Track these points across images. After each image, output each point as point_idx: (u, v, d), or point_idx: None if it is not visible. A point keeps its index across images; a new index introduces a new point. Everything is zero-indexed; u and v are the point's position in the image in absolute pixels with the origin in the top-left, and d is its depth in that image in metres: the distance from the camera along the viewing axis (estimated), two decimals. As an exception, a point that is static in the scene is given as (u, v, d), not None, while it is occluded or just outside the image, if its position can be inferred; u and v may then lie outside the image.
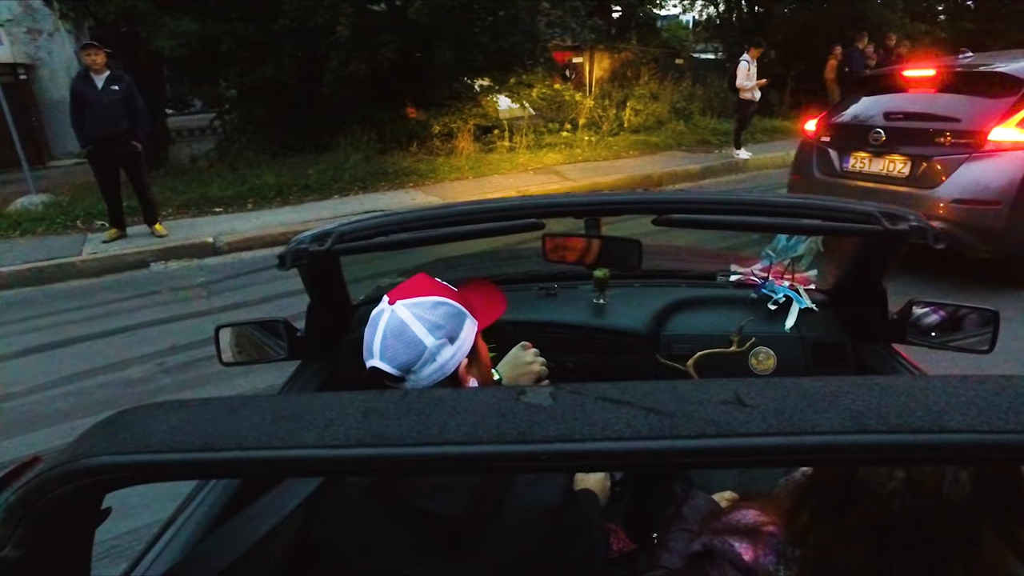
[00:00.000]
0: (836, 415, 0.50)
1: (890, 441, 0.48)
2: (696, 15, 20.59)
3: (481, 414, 0.54)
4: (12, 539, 0.57)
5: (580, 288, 1.98)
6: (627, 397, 0.54)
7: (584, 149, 10.49)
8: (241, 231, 6.94)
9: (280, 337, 1.71)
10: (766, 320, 1.79)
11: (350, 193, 8.45)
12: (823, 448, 0.49)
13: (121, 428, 0.59)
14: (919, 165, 4.83)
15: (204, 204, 7.89)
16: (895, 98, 5.32)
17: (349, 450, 0.53)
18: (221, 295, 5.57)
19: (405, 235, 1.39)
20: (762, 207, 1.42)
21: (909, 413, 0.50)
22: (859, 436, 0.49)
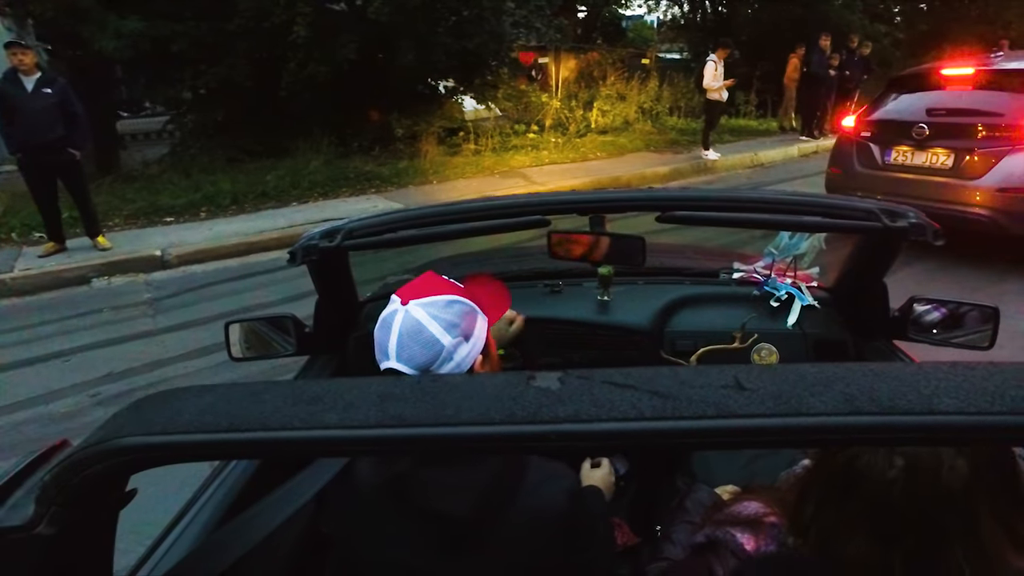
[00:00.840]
0: (831, 398, 0.52)
1: (882, 422, 0.50)
2: (661, 15, 20.51)
3: (493, 397, 0.55)
4: (47, 517, 0.59)
5: (585, 285, 1.98)
6: (632, 381, 0.55)
7: (551, 151, 10.17)
8: (192, 242, 6.47)
9: (288, 333, 1.70)
10: (768, 317, 1.79)
11: (309, 200, 8.01)
12: (818, 429, 0.51)
13: (149, 410, 0.61)
14: (962, 157, 5.07)
15: (154, 213, 7.39)
16: (936, 95, 5.50)
17: (368, 431, 0.55)
18: (168, 313, 5.13)
19: (413, 231, 1.39)
20: (764, 204, 1.41)
21: (900, 396, 0.51)
22: (852, 418, 0.50)
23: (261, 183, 8.26)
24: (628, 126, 11.75)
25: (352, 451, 0.74)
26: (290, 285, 5.57)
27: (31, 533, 0.59)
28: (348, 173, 8.74)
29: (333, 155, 9.35)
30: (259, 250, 6.55)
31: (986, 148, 5.01)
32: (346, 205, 7.75)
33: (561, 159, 9.89)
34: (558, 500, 1.06)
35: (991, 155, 4.96)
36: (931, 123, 5.28)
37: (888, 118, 5.72)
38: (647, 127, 11.65)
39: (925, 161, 5.33)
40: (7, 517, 0.61)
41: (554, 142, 10.46)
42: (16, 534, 0.59)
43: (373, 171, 8.87)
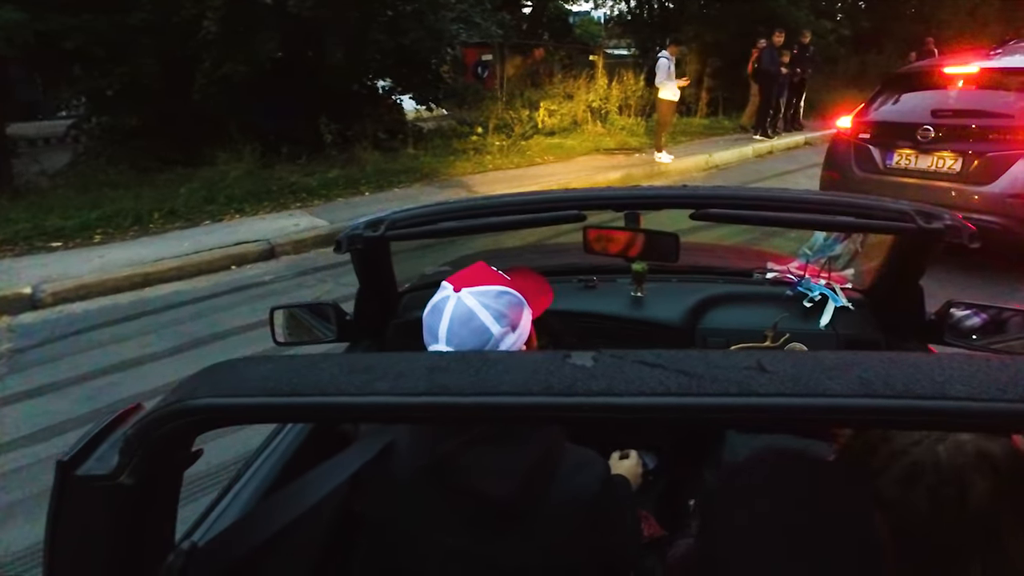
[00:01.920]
0: (847, 382, 0.53)
1: (894, 405, 0.52)
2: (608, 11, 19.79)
3: (531, 371, 0.58)
4: (128, 467, 0.64)
5: (618, 281, 1.98)
6: (661, 361, 0.57)
7: (495, 156, 9.32)
8: (75, 275, 5.42)
9: (329, 320, 1.69)
10: (801, 317, 1.77)
11: (224, 217, 6.99)
12: (833, 409, 0.53)
13: (218, 376, 0.66)
14: (971, 161, 4.70)
15: (38, 237, 6.26)
16: (940, 95, 5.13)
17: (417, 398, 0.57)
18: (24, 373, 4.10)
19: (453, 223, 1.40)
20: (798, 204, 1.38)
21: (914, 382, 0.52)
22: (866, 400, 0.52)
23: (172, 198, 7.19)
24: (577, 126, 10.98)
25: (401, 417, 0.72)
26: (183, 330, 4.61)
27: (115, 482, 0.64)
28: (271, 185, 7.73)
29: (257, 164, 8.32)
30: (156, 282, 5.54)
31: (996, 152, 4.61)
32: (263, 223, 6.76)
33: (506, 164, 9.06)
34: (591, 486, 1.06)
35: (1002, 159, 4.57)
36: (936, 125, 4.85)
37: (889, 119, 5.32)
38: (596, 128, 10.89)
39: (930, 165, 4.92)
40: (94, 467, 0.65)
41: (498, 145, 9.62)
42: (102, 482, 0.64)
43: (299, 182, 7.87)
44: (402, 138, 9.67)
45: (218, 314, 4.90)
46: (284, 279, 5.66)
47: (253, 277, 5.72)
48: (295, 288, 5.42)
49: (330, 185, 7.90)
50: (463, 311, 1.05)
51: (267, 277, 5.71)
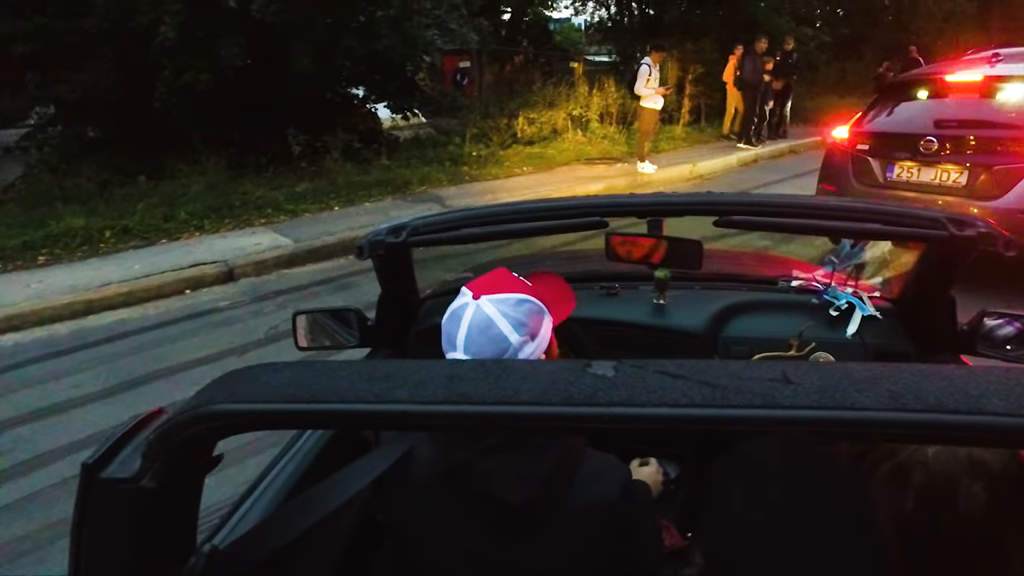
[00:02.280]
0: (876, 395, 0.51)
1: (926, 420, 0.49)
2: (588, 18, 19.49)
3: (551, 380, 0.57)
4: (150, 471, 0.65)
5: (641, 288, 1.95)
6: (683, 371, 0.56)
7: (472, 166, 8.91)
8: (9, 302, 4.94)
9: (351, 326, 1.68)
10: (827, 326, 1.71)
11: (182, 235, 6.51)
12: (861, 423, 0.51)
13: (237, 382, 0.65)
14: (978, 175, 4.45)
15: (-25, 260, 5.77)
16: (943, 104, 4.88)
17: (436, 406, 0.57)
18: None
19: (475, 230, 1.39)
20: (824, 210, 1.37)
21: (947, 396, 0.50)
22: (896, 414, 0.50)
23: (128, 214, 6.71)
24: (557, 135, 10.59)
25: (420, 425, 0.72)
26: (122, 366, 4.14)
27: (137, 485, 0.65)
28: (235, 200, 7.25)
29: (221, 177, 7.85)
30: (101, 309, 5.07)
31: (1005, 164, 4.34)
32: (223, 242, 6.29)
33: (483, 175, 8.65)
34: (611, 492, 1.04)
35: (1012, 172, 4.30)
36: (940, 136, 4.57)
37: (889, 130, 5.04)
38: (577, 136, 10.52)
39: (934, 178, 4.64)
40: (117, 470, 0.66)
41: (476, 155, 9.20)
42: (125, 485, 0.65)
43: (265, 196, 7.41)
44: (376, 148, 9.23)
45: (164, 347, 4.44)
46: (241, 305, 5.21)
47: (208, 303, 5.25)
48: (252, 316, 4.96)
49: (297, 199, 7.44)
50: (482, 319, 1.04)
51: (223, 303, 5.25)
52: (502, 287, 1.08)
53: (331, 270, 5.94)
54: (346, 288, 5.50)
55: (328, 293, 5.41)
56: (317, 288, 5.54)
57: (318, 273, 5.89)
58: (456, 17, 8.90)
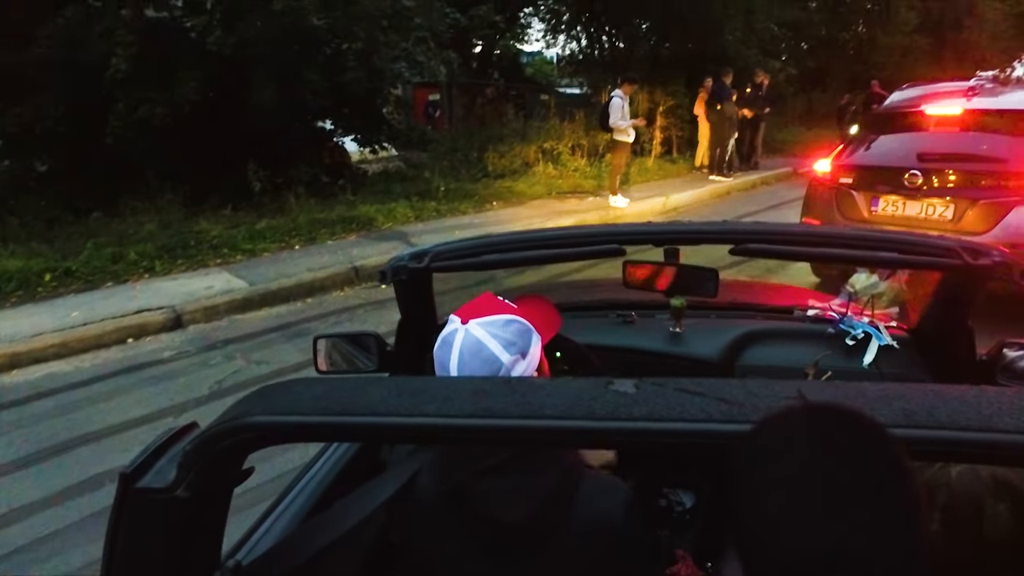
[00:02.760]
0: (890, 412, 0.52)
1: (939, 437, 0.50)
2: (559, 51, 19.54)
3: (575, 396, 0.58)
4: (186, 481, 0.66)
5: (657, 317, 1.95)
6: (702, 389, 0.58)
7: (440, 200, 8.60)
8: (-75, 357, 4.46)
9: (370, 351, 1.69)
10: (843, 355, 1.68)
11: (130, 278, 6.07)
12: None
13: (272, 396, 0.68)
14: (964, 209, 4.37)
15: None
16: (925, 137, 4.78)
17: (463, 420, 0.59)
18: None
19: (495, 256, 1.40)
20: (839, 239, 1.36)
21: (960, 414, 0.51)
22: (910, 430, 0.50)
23: (73, 255, 6.26)
24: (528, 168, 10.35)
25: (447, 438, 0.73)
26: (44, 430, 3.70)
27: (171, 495, 0.66)
28: (189, 239, 6.84)
29: (177, 215, 7.44)
30: (29, 362, 4.62)
31: (991, 199, 4.26)
32: (173, 285, 5.87)
33: (452, 210, 8.34)
34: (613, 512, 1.03)
35: (997, 206, 4.23)
36: (924, 169, 4.50)
37: (873, 163, 4.96)
38: (548, 169, 10.28)
39: (920, 212, 4.57)
40: (153, 480, 0.67)
41: (445, 190, 8.91)
42: (160, 495, 0.66)
43: (222, 235, 7.00)
44: (342, 183, 8.89)
45: (95, 406, 4.01)
46: (186, 355, 4.79)
47: (150, 354, 4.83)
48: (196, 368, 4.55)
49: (257, 238, 7.05)
50: (472, 342, 1.05)
51: (167, 353, 4.82)
52: (488, 310, 1.10)
53: (287, 315, 5.55)
54: (302, 335, 5.11)
55: (282, 341, 5.02)
56: (271, 335, 5.14)
57: (273, 318, 5.50)
58: (424, 50, 8.66)
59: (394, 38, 8.41)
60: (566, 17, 16.72)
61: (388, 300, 6.27)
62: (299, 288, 5.94)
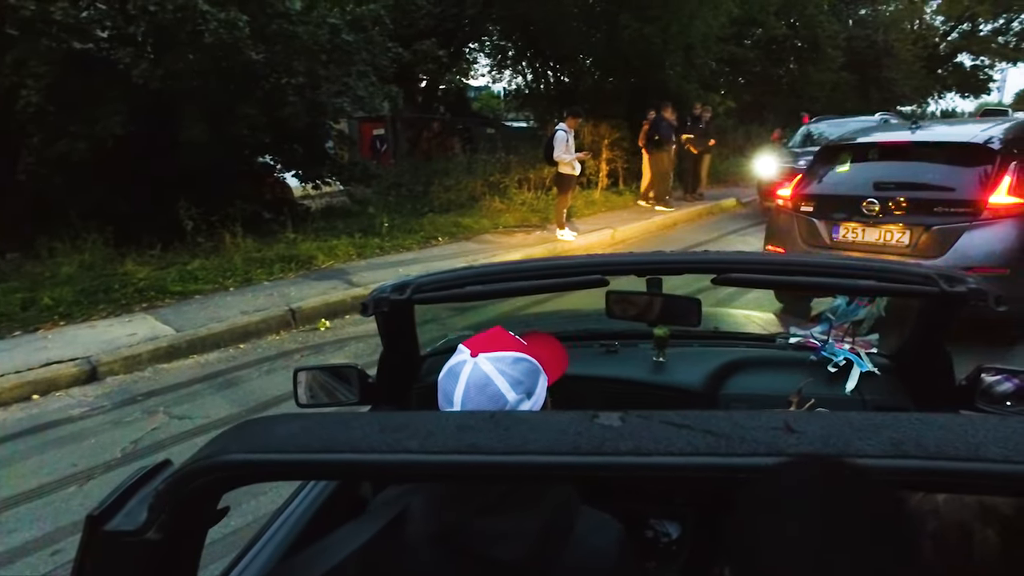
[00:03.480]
0: (878, 442, 0.51)
1: (928, 467, 0.49)
2: (506, 85, 19.61)
3: (560, 431, 0.57)
4: (156, 523, 0.63)
5: (640, 346, 1.94)
6: (688, 421, 0.56)
7: (384, 237, 8.28)
8: None
9: (351, 383, 1.66)
10: (826, 383, 1.68)
11: (42, 326, 5.54)
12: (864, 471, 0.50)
13: (249, 433, 0.65)
14: (918, 235, 4.57)
15: None
16: (879, 167, 5.04)
17: (446, 456, 0.56)
18: None
19: (478, 287, 1.40)
20: (818, 268, 1.38)
21: (947, 443, 0.50)
22: (898, 460, 0.49)
23: (-22, 301, 5.70)
24: (474, 202, 10.15)
25: (430, 475, 0.69)
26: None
27: (142, 537, 0.62)
28: (113, 282, 6.34)
29: (100, 256, 6.92)
30: (-87, 427, 4.07)
31: (943, 225, 4.48)
32: (91, 333, 5.38)
33: (395, 246, 8.04)
34: (607, 550, 1.02)
35: (948, 232, 4.45)
36: (880, 198, 4.68)
37: (832, 192, 5.09)
38: (495, 203, 10.09)
39: (879, 239, 4.74)
40: (122, 522, 0.64)
41: (389, 225, 8.60)
42: (129, 537, 0.63)
43: (151, 277, 6.52)
44: (282, 220, 8.50)
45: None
46: (100, 412, 4.33)
47: (58, 411, 4.34)
48: (110, 427, 4.10)
49: (188, 279, 6.59)
50: (479, 376, 1.03)
51: (77, 410, 4.35)
52: (499, 345, 1.08)
53: (216, 363, 5.13)
54: (232, 385, 4.71)
55: (210, 392, 4.60)
56: (198, 386, 4.71)
57: (201, 367, 5.07)
58: (366, 84, 8.42)
59: (336, 72, 8.16)
60: (511, 53, 16.82)
61: (326, 344, 5.92)
62: (231, 333, 5.52)
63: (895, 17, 27.88)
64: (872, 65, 23.45)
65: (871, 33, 23.72)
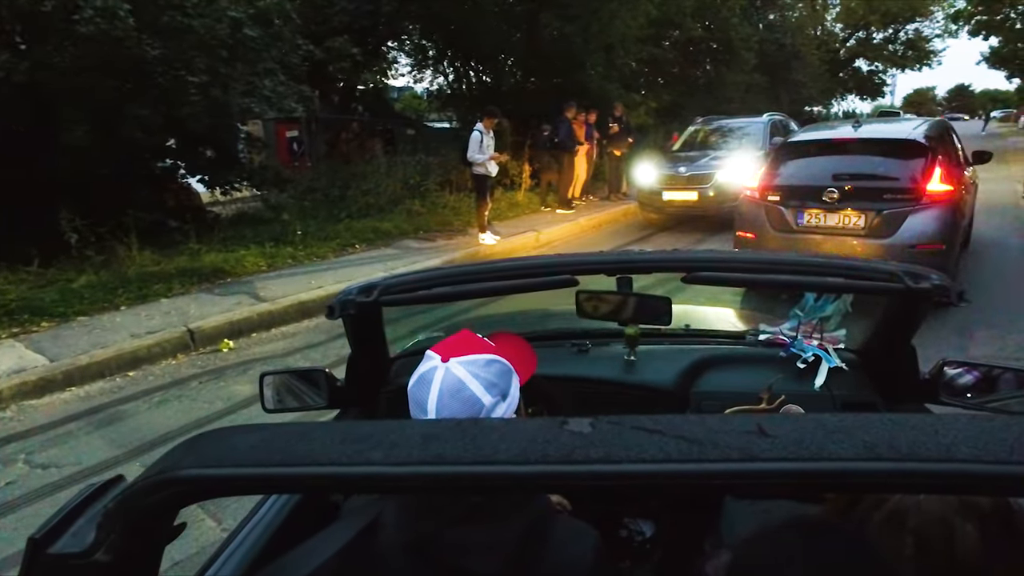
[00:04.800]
0: (851, 445, 0.50)
1: (901, 469, 0.49)
2: (427, 86, 19.08)
3: (529, 439, 0.55)
4: (105, 544, 0.59)
5: (612, 345, 1.93)
6: (659, 427, 0.55)
7: (297, 246, 7.71)
8: None
9: (319, 387, 1.64)
10: (795, 379, 1.70)
11: None
12: (839, 474, 0.50)
13: (204, 446, 0.62)
14: (871, 218, 5.15)
15: None
16: (834, 160, 5.61)
17: (412, 468, 0.54)
18: None
19: (446, 288, 1.39)
20: (787, 265, 1.39)
21: (920, 445, 0.50)
22: (872, 463, 0.49)
23: None
24: (395, 205, 9.67)
25: (395, 487, 0.68)
26: None
27: (90, 560, 0.59)
28: (-20, 304, 5.55)
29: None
30: None
31: (891, 210, 5.12)
32: (-56, 367, 4.63)
33: (309, 255, 7.49)
34: (584, 558, 1.00)
35: (896, 216, 5.10)
36: (839, 187, 5.28)
37: (796, 183, 5.66)
38: (416, 205, 9.65)
39: (838, 223, 5.32)
40: (68, 544, 0.60)
41: (303, 233, 8.04)
42: (76, 560, 0.59)
43: (26, 297, 5.75)
44: (186, 229, 7.78)
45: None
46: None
47: None
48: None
49: (72, 299, 5.85)
50: (453, 382, 0.99)
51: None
52: (469, 348, 1.04)
53: (97, 396, 4.51)
54: (115, 421, 4.12)
55: (86, 432, 4.00)
56: (72, 425, 4.09)
57: (80, 401, 4.44)
58: (275, 83, 7.81)
59: (242, 70, 7.50)
60: (432, 52, 16.34)
61: (229, 368, 5.33)
62: (118, 360, 4.90)
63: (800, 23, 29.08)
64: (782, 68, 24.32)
65: (780, 37, 24.58)
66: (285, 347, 5.37)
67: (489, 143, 8.08)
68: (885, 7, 35.60)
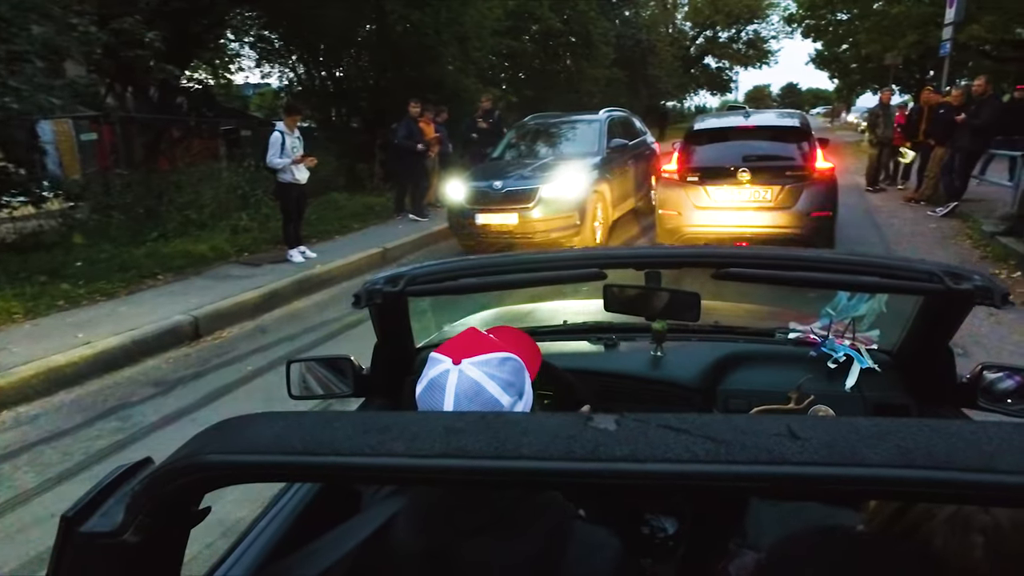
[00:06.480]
0: (885, 450, 0.48)
1: (937, 477, 0.46)
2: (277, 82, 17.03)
3: (552, 435, 0.53)
4: (134, 524, 0.58)
5: (638, 340, 1.87)
6: (686, 426, 0.53)
7: (78, 281, 5.93)
8: None
9: (345, 375, 1.63)
10: (825, 379, 1.62)
11: None
12: (871, 480, 0.47)
13: (229, 432, 0.60)
14: (776, 192, 5.98)
15: None
16: (740, 145, 6.37)
17: (433, 460, 0.52)
18: None
19: (473, 280, 1.35)
20: (821, 263, 1.31)
21: (959, 453, 0.47)
22: (906, 471, 0.47)
23: None
24: (218, 220, 8.00)
25: (416, 479, 0.63)
26: None
27: (119, 539, 0.59)
28: None
29: None
30: None
31: (790, 185, 5.93)
32: None
33: (86, 294, 5.72)
34: (605, 572, 0.93)
35: (795, 190, 5.92)
36: (749, 167, 5.98)
37: (711, 164, 6.24)
38: (244, 221, 8.04)
39: (750, 197, 6.04)
40: (98, 523, 0.60)
41: (89, 262, 6.28)
42: (105, 539, 0.59)
43: None
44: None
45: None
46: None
47: None
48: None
49: None
50: (469, 385, 0.91)
51: None
52: (478, 348, 0.96)
53: None
54: None
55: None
56: None
57: None
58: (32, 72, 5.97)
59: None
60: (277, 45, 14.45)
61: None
62: None
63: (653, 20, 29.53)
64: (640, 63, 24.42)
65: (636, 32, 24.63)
66: (5, 443, 3.72)
67: (294, 144, 6.64)
68: (728, 8, 37.23)
